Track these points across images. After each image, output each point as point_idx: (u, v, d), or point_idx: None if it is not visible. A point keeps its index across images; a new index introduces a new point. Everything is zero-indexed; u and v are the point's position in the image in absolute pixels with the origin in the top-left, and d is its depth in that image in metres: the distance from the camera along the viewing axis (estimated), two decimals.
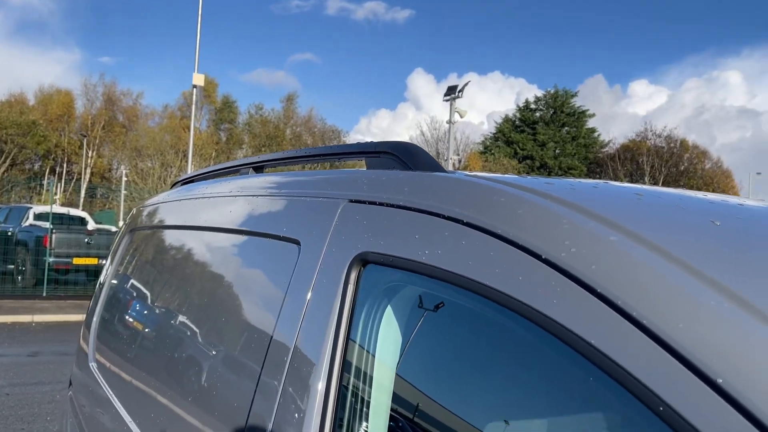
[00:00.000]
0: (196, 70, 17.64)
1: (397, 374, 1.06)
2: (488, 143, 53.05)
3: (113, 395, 1.99)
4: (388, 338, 1.08)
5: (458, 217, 0.95)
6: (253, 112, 53.05)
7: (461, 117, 24.86)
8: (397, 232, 1.06)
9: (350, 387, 1.08)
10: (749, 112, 74.91)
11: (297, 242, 1.29)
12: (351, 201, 1.21)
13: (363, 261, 1.10)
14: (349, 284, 1.11)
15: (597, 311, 0.70)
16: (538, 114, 49.95)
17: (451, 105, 24.48)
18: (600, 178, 2.25)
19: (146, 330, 2.10)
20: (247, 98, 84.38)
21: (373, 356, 1.09)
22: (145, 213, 2.49)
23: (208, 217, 1.84)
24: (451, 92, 24.48)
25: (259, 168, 1.95)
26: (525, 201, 0.90)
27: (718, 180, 51.33)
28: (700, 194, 1.19)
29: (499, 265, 0.84)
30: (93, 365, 2.30)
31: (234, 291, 1.56)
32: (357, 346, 1.09)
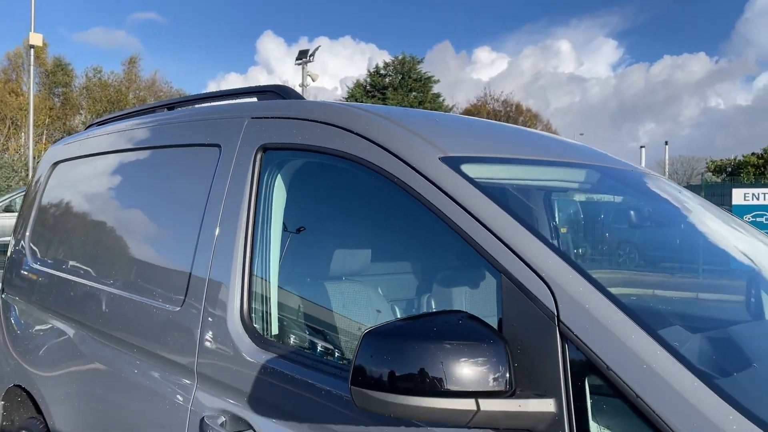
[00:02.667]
0: (32, 29, 16.67)
1: (284, 217, 1.97)
2: None
3: (67, 276, 2.67)
4: (279, 191, 1.97)
5: (316, 119, 1.85)
6: (92, 75, 49.52)
7: (313, 81, 25.59)
8: (282, 131, 1.94)
9: (258, 234, 1.96)
10: (577, 78, 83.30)
11: (218, 146, 2.12)
12: (253, 118, 2.06)
13: (264, 149, 1.97)
14: (256, 163, 1.97)
15: (376, 150, 1.65)
16: (387, 79, 51.57)
17: (303, 69, 25.12)
18: None
19: (87, 232, 2.78)
20: (82, 60, 78.24)
21: (271, 207, 1.97)
22: (67, 148, 3.12)
23: (139, 139, 2.58)
24: (303, 56, 25.11)
25: (171, 108, 2.71)
26: (350, 110, 1.83)
27: None
28: (452, 114, 2.21)
29: (336, 137, 1.77)
30: (36, 265, 2.93)
31: (171, 187, 2.35)
32: (262, 202, 1.96)
